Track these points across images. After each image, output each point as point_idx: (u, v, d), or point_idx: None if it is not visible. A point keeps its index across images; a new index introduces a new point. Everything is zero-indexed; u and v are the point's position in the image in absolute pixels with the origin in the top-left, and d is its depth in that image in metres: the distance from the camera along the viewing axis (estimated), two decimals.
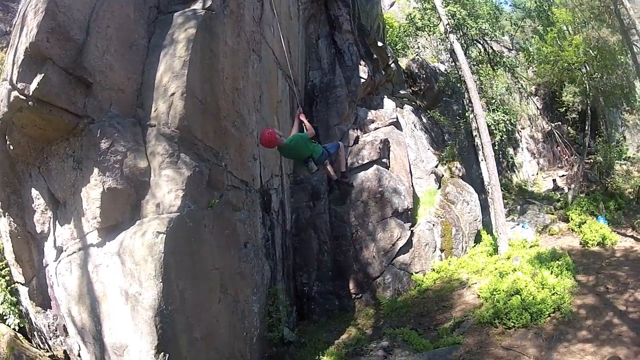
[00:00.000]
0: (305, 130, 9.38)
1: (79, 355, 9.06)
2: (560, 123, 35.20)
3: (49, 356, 9.13)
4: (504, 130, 23.92)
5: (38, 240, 9.53)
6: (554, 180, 31.69)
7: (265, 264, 11.94)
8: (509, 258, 15.58)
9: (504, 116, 23.98)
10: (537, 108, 36.38)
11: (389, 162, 17.87)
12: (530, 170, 34.91)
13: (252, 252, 11.04)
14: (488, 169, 18.47)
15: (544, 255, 14.76)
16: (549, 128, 35.91)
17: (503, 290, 12.53)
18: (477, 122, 19.20)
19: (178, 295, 8.11)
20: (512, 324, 11.15)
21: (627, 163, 29.64)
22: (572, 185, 27.98)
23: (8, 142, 8.92)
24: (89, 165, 8.30)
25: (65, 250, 8.89)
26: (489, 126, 20.63)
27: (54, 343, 9.39)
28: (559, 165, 36.10)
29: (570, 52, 25.74)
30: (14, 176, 9.43)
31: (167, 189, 8.52)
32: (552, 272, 13.28)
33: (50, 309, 9.50)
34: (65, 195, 8.78)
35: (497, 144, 23.45)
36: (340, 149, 10.04)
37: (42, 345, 9.50)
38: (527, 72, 32.13)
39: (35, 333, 9.67)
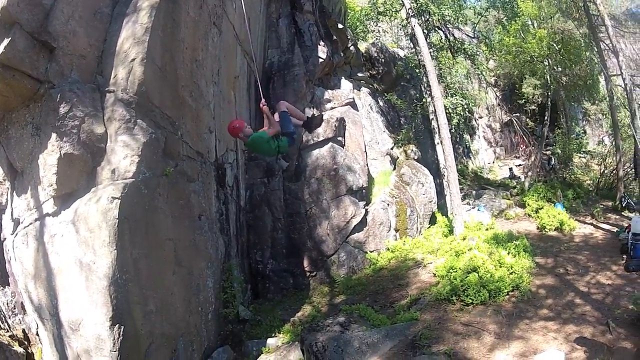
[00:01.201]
0: (269, 125, 8.81)
1: (37, 334, 8.99)
2: (519, 114, 35.69)
3: (9, 336, 8.90)
4: (462, 114, 24.10)
5: None
6: (511, 169, 31.97)
7: (220, 238, 11.96)
8: (464, 239, 15.70)
9: (462, 100, 24.10)
10: (497, 97, 36.81)
11: (345, 140, 17.85)
12: (486, 158, 35.31)
13: (207, 225, 11.08)
14: (444, 150, 18.52)
15: (500, 236, 14.93)
16: (507, 118, 36.41)
17: (460, 268, 12.60)
18: (434, 105, 19.23)
19: (132, 264, 8.12)
20: (470, 301, 11.25)
21: (587, 156, 30.34)
22: (529, 173, 28.36)
23: None
24: (47, 130, 8.24)
25: (22, 222, 8.81)
26: (446, 109, 20.73)
27: (12, 322, 9.22)
28: (516, 155, 36.61)
29: (533, 45, 25.75)
30: None
31: (122, 155, 8.52)
32: (509, 252, 13.42)
33: (9, 286, 9.36)
34: (23, 164, 8.67)
35: (454, 128, 23.49)
36: (289, 112, 9.39)
37: (1, 325, 9.26)
38: (487, 62, 32.37)
39: None
